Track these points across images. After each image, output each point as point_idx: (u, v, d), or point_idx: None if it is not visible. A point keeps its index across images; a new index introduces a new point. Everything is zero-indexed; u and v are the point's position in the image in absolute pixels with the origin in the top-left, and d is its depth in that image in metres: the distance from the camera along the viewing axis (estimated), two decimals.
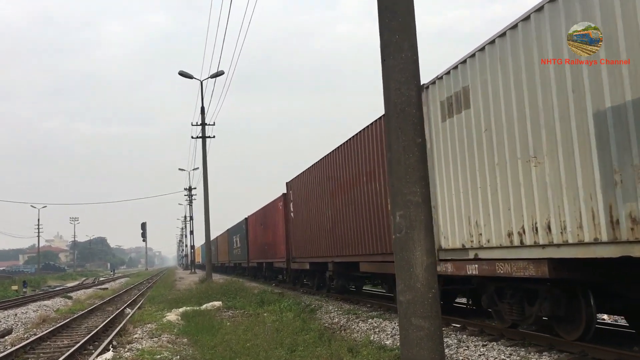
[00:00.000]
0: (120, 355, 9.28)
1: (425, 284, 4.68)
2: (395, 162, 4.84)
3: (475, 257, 8.48)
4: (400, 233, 4.78)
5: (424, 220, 4.74)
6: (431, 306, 4.68)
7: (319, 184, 17.88)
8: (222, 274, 47.46)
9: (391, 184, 4.93)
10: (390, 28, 4.87)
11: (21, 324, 17.34)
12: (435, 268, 4.75)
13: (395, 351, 8.25)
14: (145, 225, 77.21)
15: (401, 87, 4.84)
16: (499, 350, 8.17)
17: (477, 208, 8.38)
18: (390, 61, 4.88)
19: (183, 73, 30.12)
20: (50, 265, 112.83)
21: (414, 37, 4.88)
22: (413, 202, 4.74)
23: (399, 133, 4.82)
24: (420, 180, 4.78)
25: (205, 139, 31.35)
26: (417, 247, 4.71)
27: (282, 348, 8.56)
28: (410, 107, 4.83)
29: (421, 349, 4.61)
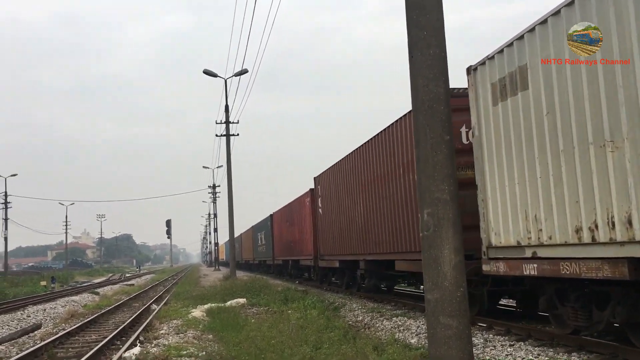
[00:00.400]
0: (147, 350, 9.38)
1: (454, 282, 4.63)
2: (422, 159, 4.81)
3: (533, 255, 7.67)
4: (428, 231, 4.74)
5: (452, 218, 4.69)
6: (459, 305, 4.63)
7: (350, 178, 17.00)
8: (246, 272, 47.17)
9: (419, 182, 4.89)
10: (418, 24, 4.83)
11: (50, 319, 17.66)
12: (463, 266, 4.70)
13: (420, 350, 8.21)
14: (170, 222, 78.05)
15: (429, 83, 4.80)
16: (527, 350, 8.07)
17: (537, 201, 7.52)
18: (418, 58, 4.84)
19: (207, 71, 30.33)
20: (77, 262, 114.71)
21: (442, 33, 4.83)
22: (441, 199, 4.70)
23: (426, 130, 4.79)
24: (448, 177, 4.74)
25: (229, 137, 31.54)
26: (445, 245, 4.67)
27: (307, 345, 8.56)
28: (439, 104, 4.78)
29: (449, 347, 4.57)
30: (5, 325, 15.52)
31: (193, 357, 8.67)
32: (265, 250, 37.86)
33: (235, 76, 29.27)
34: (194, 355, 8.85)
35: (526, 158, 7.73)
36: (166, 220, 77.79)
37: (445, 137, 4.78)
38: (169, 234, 79.11)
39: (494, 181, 8.63)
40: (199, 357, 8.72)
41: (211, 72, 30.40)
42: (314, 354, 8.03)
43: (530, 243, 7.70)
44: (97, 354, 9.69)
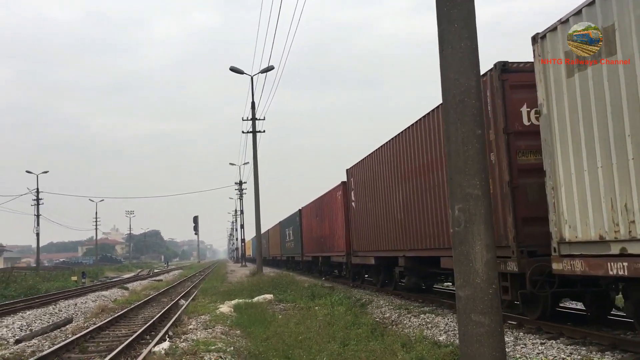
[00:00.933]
0: (176, 345, 9.47)
1: (486, 280, 4.55)
2: (454, 154, 4.73)
3: (622, 252, 6.61)
4: (459, 227, 4.67)
5: (484, 214, 4.61)
6: (491, 302, 4.55)
7: (388, 169, 15.67)
8: (273, 268, 46.73)
9: (450, 177, 4.81)
10: (449, 17, 4.74)
11: (81, 313, 17.98)
12: (495, 263, 4.61)
13: (449, 347, 8.12)
14: (197, 218, 78.72)
15: (460, 77, 4.71)
16: (559, 348, 7.93)
17: (627, 187, 6.40)
18: (448, 51, 4.76)
19: (234, 68, 30.49)
20: (107, 257, 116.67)
21: (473, 25, 4.74)
22: (472, 195, 4.62)
23: (457, 124, 4.71)
24: (480, 172, 4.65)
25: (255, 134, 31.67)
26: (476, 241, 4.59)
27: (335, 342, 8.55)
28: (470, 98, 4.69)
29: (481, 345, 4.49)
30: (37, 319, 15.84)
31: (221, 353, 8.71)
32: (293, 246, 36.85)
33: (261, 73, 29.36)
34: (222, 350, 8.90)
35: (613, 137, 6.60)
36: (193, 217, 78.48)
37: (476, 132, 4.69)
38: (196, 231, 79.75)
39: (569, 166, 7.55)
40: (227, 353, 8.77)
41: (237, 69, 30.55)
42: (342, 351, 8.01)
43: (618, 237, 6.62)
44: (127, 348, 9.82)
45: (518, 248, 8.85)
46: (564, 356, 7.51)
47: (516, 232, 8.94)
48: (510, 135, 9.13)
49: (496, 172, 9.37)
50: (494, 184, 9.25)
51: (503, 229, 9.25)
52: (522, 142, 9.12)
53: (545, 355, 7.68)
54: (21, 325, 14.42)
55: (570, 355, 7.50)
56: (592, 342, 8.01)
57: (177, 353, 8.75)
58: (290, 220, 37.91)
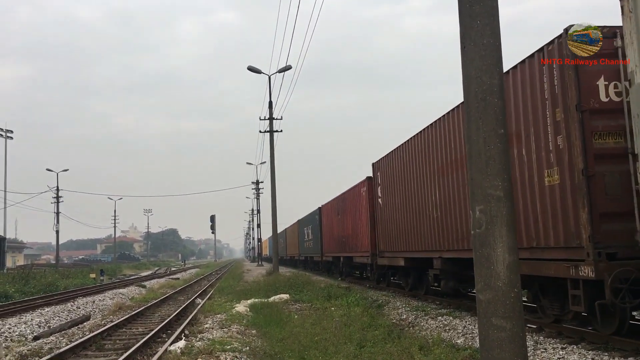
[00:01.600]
0: (192, 344, 9.46)
1: (507, 283, 4.43)
2: (475, 154, 4.62)
3: None
4: (479, 228, 4.56)
5: (506, 216, 4.49)
6: (513, 306, 4.43)
7: (422, 161, 14.11)
8: (290, 268, 45.87)
9: (470, 177, 4.70)
10: (471, 13, 4.63)
11: (98, 310, 18.11)
12: (518, 266, 4.49)
13: (468, 351, 8.01)
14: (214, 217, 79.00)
15: (482, 75, 4.60)
16: (580, 354, 7.76)
17: None
18: (470, 48, 4.64)
19: (252, 68, 30.54)
20: (125, 255, 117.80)
21: (496, 21, 4.63)
22: (494, 196, 4.50)
23: (479, 123, 4.59)
24: (502, 173, 4.53)
25: (272, 133, 31.68)
26: (498, 243, 4.47)
27: (351, 343, 8.48)
28: (493, 97, 4.58)
29: (502, 350, 4.38)
30: (56, 316, 15.98)
31: (237, 352, 8.68)
32: (312, 245, 35.38)
33: (279, 72, 29.36)
34: (237, 350, 8.87)
35: None
36: (210, 216, 78.74)
37: (499, 131, 4.57)
38: (213, 230, 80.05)
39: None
40: (243, 352, 8.73)
41: (255, 69, 30.59)
42: (358, 352, 7.93)
43: None
44: (144, 346, 9.83)
45: (595, 249, 7.45)
46: None
47: (592, 231, 7.50)
48: (584, 114, 7.66)
49: (565, 158, 8.02)
50: (561, 173, 8.13)
51: (574, 227, 7.87)
52: (599, 122, 7.72)
53: None
54: (40, 322, 14.55)
55: None
56: (614, 348, 7.82)
57: (193, 352, 8.73)
58: (309, 218, 36.58)
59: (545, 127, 8.50)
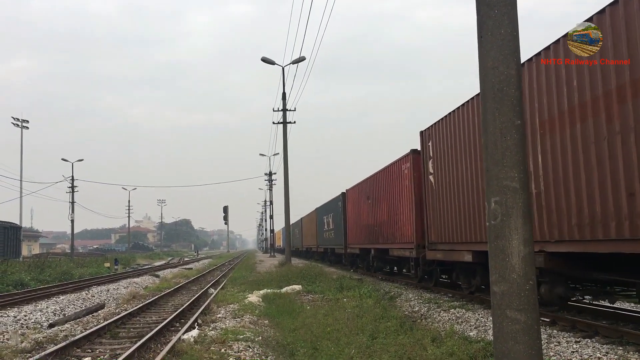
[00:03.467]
0: (205, 333, 9.52)
1: (522, 275, 4.40)
2: (491, 144, 4.57)
3: None
4: (495, 220, 4.52)
5: (522, 207, 4.44)
6: (528, 298, 4.40)
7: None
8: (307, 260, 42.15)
9: (486, 169, 4.66)
10: (488, 3, 4.57)
11: (113, 299, 18.29)
12: (533, 258, 4.46)
13: (480, 343, 7.97)
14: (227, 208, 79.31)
15: (499, 65, 4.54)
16: (594, 347, 7.70)
17: None
18: (487, 37, 4.59)
19: (265, 59, 30.52)
20: (139, 245, 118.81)
21: (514, 10, 4.57)
22: (510, 187, 4.46)
23: (495, 114, 4.54)
24: (519, 164, 4.49)
25: (286, 124, 31.69)
26: (513, 235, 4.43)
27: (364, 334, 8.48)
28: (509, 87, 4.52)
29: (516, 342, 4.35)
30: (71, 304, 16.16)
31: (249, 342, 8.72)
32: (334, 236, 31.47)
33: (292, 64, 29.33)
34: (250, 340, 8.91)
35: None
36: (223, 207, 79.09)
37: (515, 122, 4.52)
38: (226, 220, 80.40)
39: None
40: (255, 342, 8.77)
41: (269, 60, 30.57)
42: (371, 343, 7.93)
43: None
44: (157, 335, 9.91)
45: None
46: (600, 355, 7.29)
47: None
48: None
49: None
50: None
51: None
52: None
53: (580, 354, 7.47)
54: (55, 310, 14.73)
55: (607, 355, 7.28)
56: (629, 342, 7.77)
57: (206, 341, 8.79)
58: (330, 206, 32.81)
59: None
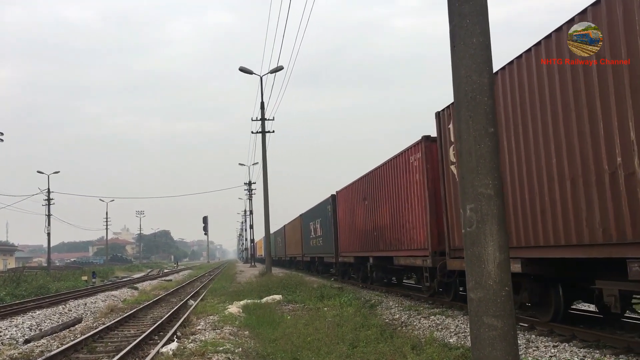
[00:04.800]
0: (184, 346, 9.42)
1: (498, 281, 4.44)
2: (465, 152, 4.62)
3: None
4: (470, 227, 4.56)
5: (497, 214, 4.50)
6: (504, 305, 4.44)
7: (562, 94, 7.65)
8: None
9: (461, 176, 4.71)
10: (460, 12, 4.64)
11: (90, 313, 18.00)
12: (509, 264, 4.51)
13: (460, 350, 8.01)
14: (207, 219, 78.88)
15: (472, 74, 4.61)
16: (572, 351, 7.79)
17: None
18: (460, 47, 4.65)
19: (243, 69, 30.51)
20: (117, 257, 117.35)
21: (486, 21, 4.64)
22: (485, 194, 4.51)
23: (469, 122, 4.60)
24: (493, 171, 4.55)
25: (264, 134, 31.65)
26: (489, 242, 4.48)
27: (344, 343, 8.47)
28: (482, 95, 4.59)
29: (494, 349, 4.39)
30: (47, 318, 15.87)
31: (229, 354, 8.65)
32: (322, 243, 28.53)
33: (270, 73, 29.34)
34: (230, 351, 8.84)
35: None
36: (203, 217, 78.66)
37: (489, 130, 4.58)
38: (205, 231, 79.93)
39: None
40: (235, 354, 8.70)
41: (247, 70, 30.56)
42: (351, 352, 7.92)
43: None
44: (135, 348, 9.79)
45: None
46: (577, 359, 7.38)
47: None
48: None
49: None
50: None
51: None
52: None
53: (558, 358, 7.56)
54: (31, 325, 14.45)
55: (584, 359, 7.37)
56: (605, 345, 7.87)
57: (185, 354, 8.69)
58: (318, 211, 30.03)
59: None
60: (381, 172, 17.61)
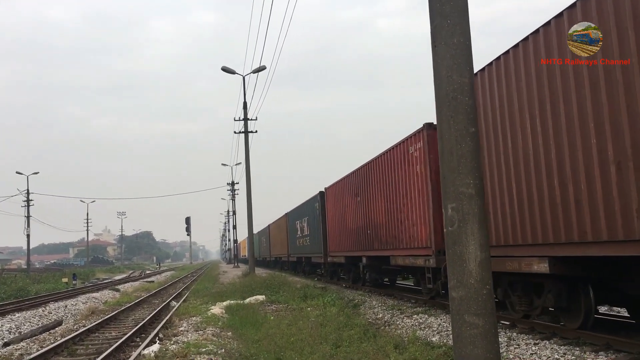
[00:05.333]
0: (166, 347, 9.35)
1: (479, 280, 4.48)
2: (447, 152, 4.65)
3: None
4: (452, 226, 4.59)
5: (478, 213, 4.53)
6: (485, 303, 4.48)
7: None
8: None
9: (442, 176, 4.74)
10: (442, 13, 4.67)
11: (71, 315, 17.81)
12: (489, 263, 4.54)
13: (442, 348, 8.06)
14: (190, 219, 78.57)
15: (453, 74, 4.64)
16: (552, 349, 7.88)
17: None
18: (441, 47, 4.68)
19: (226, 69, 30.37)
20: (98, 259, 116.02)
21: (466, 21, 4.67)
22: (466, 194, 4.54)
23: (450, 122, 4.63)
24: (474, 171, 4.58)
25: (247, 134, 31.55)
26: (470, 241, 4.51)
27: (327, 343, 8.47)
28: (463, 95, 4.62)
29: (475, 347, 4.42)
30: (27, 321, 15.67)
31: (212, 355, 8.60)
32: (309, 243, 27.21)
33: (252, 73, 29.24)
34: (212, 352, 8.79)
35: None
36: (185, 218, 78.40)
37: (470, 129, 4.61)
38: (188, 231, 79.65)
39: None
40: (218, 355, 8.66)
41: (229, 69, 30.44)
42: (334, 352, 7.93)
43: None
44: (117, 351, 9.70)
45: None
46: (558, 356, 7.47)
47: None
48: None
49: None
50: None
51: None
52: None
53: (539, 355, 7.63)
54: (10, 328, 14.25)
55: (564, 356, 7.45)
56: (585, 342, 7.96)
57: (167, 356, 8.63)
58: (305, 208, 28.55)
59: None
60: (375, 166, 16.36)
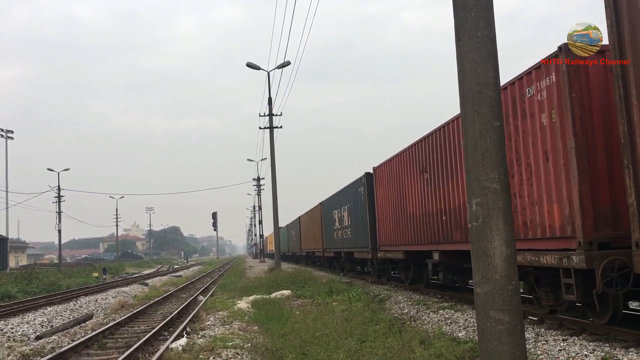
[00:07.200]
0: (194, 341, 9.46)
1: (505, 276, 4.43)
2: (471, 146, 4.60)
3: None
4: (477, 222, 4.54)
5: (503, 208, 4.47)
6: (511, 299, 4.42)
7: None
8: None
9: (466, 170, 4.69)
10: (465, 5, 4.61)
11: (101, 309, 18.14)
12: (515, 259, 4.48)
13: (469, 344, 8.00)
14: (216, 215, 79.20)
15: (477, 67, 4.58)
16: (581, 345, 7.75)
17: None
18: (465, 40, 4.62)
19: (250, 64, 30.50)
20: (127, 253, 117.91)
21: (491, 13, 4.60)
22: (491, 189, 4.49)
23: (474, 116, 4.57)
24: (498, 165, 4.52)
25: (272, 129, 31.66)
26: (495, 236, 4.46)
27: (352, 338, 8.48)
28: (488, 89, 4.56)
29: (501, 343, 4.37)
30: (58, 315, 16.00)
31: (238, 349, 8.67)
32: (351, 235, 22.96)
33: (277, 68, 29.36)
34: (239, 346, 8.87)
35: None
36: (212, 213, 79.04)
37: (495, 123, 4.55)
38: (215, 227, 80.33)
39: None
40: (244, 349, 8.73)
41: (254, 65, 30.55)
42: (359, 347, 7.93)
43: None
44: (145, 344, 9.84)
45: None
46: (587, 353, 7.33)
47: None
48: None
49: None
50: None
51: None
52: None
53: (568, 352, 7.51)
54: (42, 322, 14.57)
55: (593, 352, 7.32)
56: (615, 339, 7.81)
57: (195, 349, 8.73)
58: (345, 195, 24.31)
59: None
60: (456, 128, 11.92)
